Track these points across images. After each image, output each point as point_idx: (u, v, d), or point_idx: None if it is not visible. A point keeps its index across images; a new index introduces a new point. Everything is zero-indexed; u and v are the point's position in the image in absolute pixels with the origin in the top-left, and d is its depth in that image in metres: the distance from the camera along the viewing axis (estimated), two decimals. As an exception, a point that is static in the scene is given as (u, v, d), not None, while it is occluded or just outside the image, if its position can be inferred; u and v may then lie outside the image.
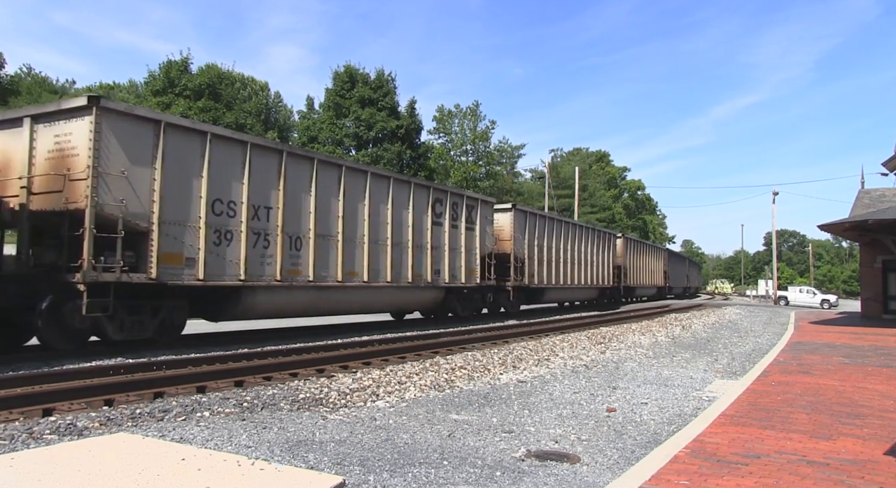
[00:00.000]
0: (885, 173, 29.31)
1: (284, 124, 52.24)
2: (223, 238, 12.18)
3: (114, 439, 5.01)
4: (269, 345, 12.36)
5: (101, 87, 54.56)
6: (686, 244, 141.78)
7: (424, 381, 8.49)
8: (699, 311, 30.18)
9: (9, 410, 6.27)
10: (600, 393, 8.12)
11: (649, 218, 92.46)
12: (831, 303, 48.97)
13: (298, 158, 14.12)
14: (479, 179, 51.86)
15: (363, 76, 45.15)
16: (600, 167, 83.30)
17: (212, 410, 6.46)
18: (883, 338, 16.83)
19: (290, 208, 13.58)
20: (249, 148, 12.75)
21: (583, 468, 4.90)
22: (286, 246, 13.44)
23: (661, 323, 21.09)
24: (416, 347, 12.11)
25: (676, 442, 5.34)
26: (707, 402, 7.61)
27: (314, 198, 14.23)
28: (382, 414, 6.55)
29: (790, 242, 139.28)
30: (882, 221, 21.31)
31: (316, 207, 14.25)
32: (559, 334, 16.22)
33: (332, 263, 14.74)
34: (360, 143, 43.79)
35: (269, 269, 13.04)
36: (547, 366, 10.38)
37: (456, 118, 54.01)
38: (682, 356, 12.44)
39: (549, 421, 6.43)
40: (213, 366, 9.32)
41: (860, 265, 29.46)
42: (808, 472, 4.53)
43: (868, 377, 9.42)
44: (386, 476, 4.38)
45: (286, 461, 4.58)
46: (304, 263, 13.92)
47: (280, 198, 13.35)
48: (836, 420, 6.35)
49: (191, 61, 43.48)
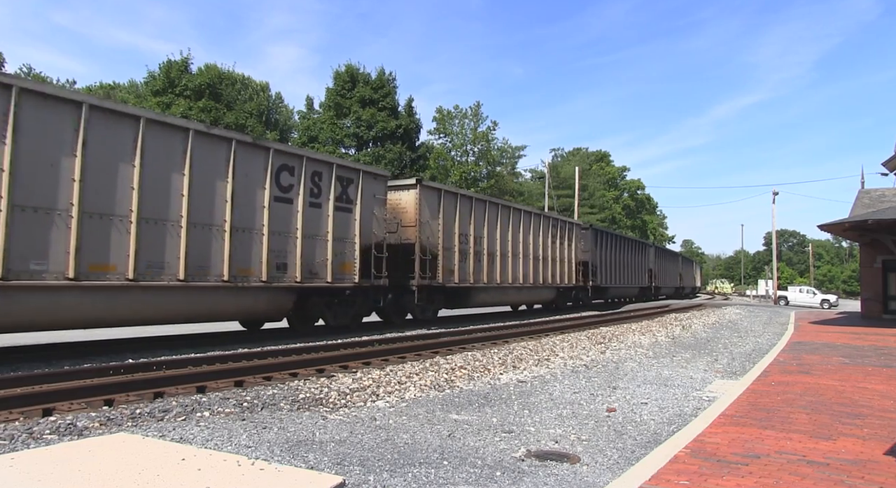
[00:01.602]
0: (885, 173, 29.34)
1: (285, 124, 52.26)
2: None
3: (114, 439, 5.01)
4: (269, 344, 12.37)
5: (102, 87, 54.56)
6: (686, 244, 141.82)
7: (424, 381, 8.49)
8: (699, 311, 30.18)
9: (9, 410, 6.27)
10: (600, 393, 8.12)
11: (649, 218, 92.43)
12: (831, 302, 48.98)
13: None
14: (479, 179, 51.86)
15: (364, 76, 45.18)
16: (600, 167, 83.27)
17: (212, 410, 6.46)
18: (883, 338, 16.83)
19: None
20: None
21: (583, 468, 4.90)
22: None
23: (661, 323, 21.08)
24: (416, 347, 12.10)
25: (676, 442, 5.34)
26: (707, 402, 7.61)
27: None
28: (382, 414, 6.55)
29: (790, 242, 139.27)
30: (882, 221, 21.30)
31: None
32: (559, 334, 16.22)
33: None
34: (361, 143, 43.80)
35: None
36: (547, 366, 10.38)
37: (456, 119, 54.01)
38: (682, 356, 12.44)
39: (549, 421, 6.43)
40: (213, 365, 9.32)
41: (860, 265, 29.46)
42: (808, 472, 4.53)
43: (868, 377, 9.42)
44: (386, 476, 4.38)
45: (286, 461, 4.58)
46: None
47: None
48: (836, 420, 6.35)
49: (191, 61, 43.49)
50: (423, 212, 17.69)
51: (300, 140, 45.10)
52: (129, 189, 10.40)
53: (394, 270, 16.55)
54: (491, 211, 21.42)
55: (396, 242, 17.12)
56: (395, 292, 17.41)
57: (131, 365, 8.97)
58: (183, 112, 37.81)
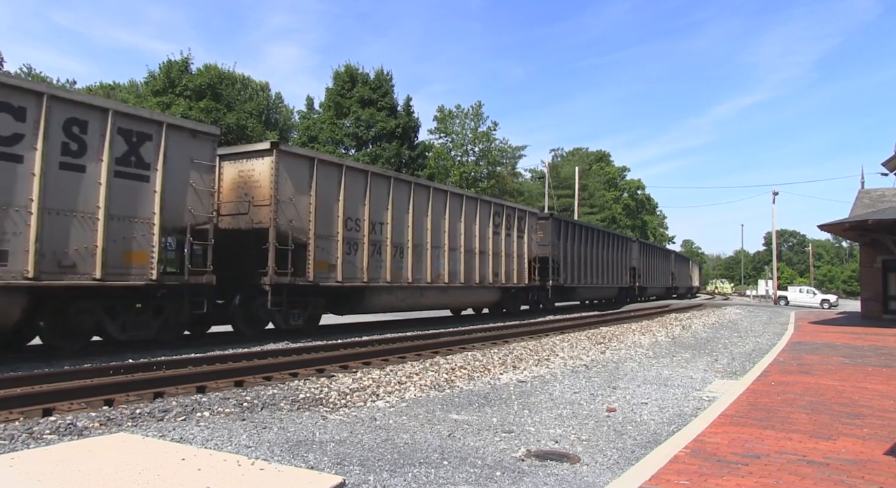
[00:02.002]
0: (885, 173, 29.32)
1: (285, 125, 52.27)
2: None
3: (114, 439, 5.01)
4: (269, 344, 12.37)
5: (102, 87, 54.57)
6: (686, 244, 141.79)
7: (424, 381, 8.49)
8: (699, 311, 30.18)
9: (9, 410, 6.27)
10: (600, 393, 8.12)
11: (649, 218, 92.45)
12: (831, 302, 48.98)
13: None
14: (479, 179, 51.86)
15: (363, 76, 45.18)
16: (600, 167, 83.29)
17: (212, 410, 6.46)
18: (883, 338, 16.82)
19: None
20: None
21: (583, 468, 4.90)
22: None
23: (661, 323, 21.08)
24: (416, 347, 12.10)
25: (676, 442, 5.34)
26: (707, 402, 7.61)
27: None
28: (382, 414, 6.55)
29: (790, 242, 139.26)
30: (882, 221, 21.30)
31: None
32: (559, 334, 16.22)
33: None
34: (360, 143, 43.81)
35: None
36: (547, 366, 10.38)
37: (457, 118, 54.00)
38: (682, 356, 12.44)
39: (549, 421, 6.43)
40: (213, 365, 9.33)
41: (860, 265, 29.46)
42: (808, 472, 4.53)
43: (868, 377, 9.42)
44: (386, 476, 4.38)
45: (286, 461, 4.58)
46: None
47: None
48: (836, 420, 6.35)
49: (191, 61, 43.49)
50: (284, 186, 13.42)
51: (300, 140, 45.11)
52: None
53: (244, 264, 13.31)
54: (399, 190, 16.91)
55: (247, 227, 13.51)
56: (247, 294, 13.44)
57: (131, 365, 8.97)
58: (183, 112, 37.82)
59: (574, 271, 28.15)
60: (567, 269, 27.27)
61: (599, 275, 31.75)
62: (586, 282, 29.72)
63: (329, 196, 14.63)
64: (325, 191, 14.52)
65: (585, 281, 29.57)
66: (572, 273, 27.90)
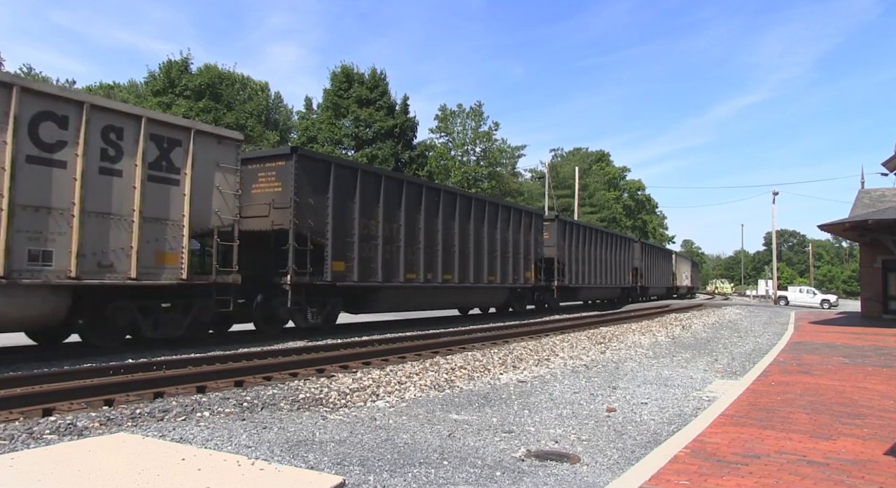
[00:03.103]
0: (885, 173, 29.33)
1: (284, 125, 52.26)
2: None
3: (114, 439, 5.01)
4: (269, 344, 12.37)
5: (102, 87, 54.57)
6: (686, 244, 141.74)
7: (424, 381, 8.49)
8: (699, 311, 30.18)
9: (9, 410, 6.26)
10: (600, 393, 8.12)
11: (649, 218, 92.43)
12: (831, 303, 48.98)
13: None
14: (480, 180, 51.84)
15: (359, 76, 45.16)
16: (600, 167, 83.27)
17: (212, 410, 6.46)
18: (883, 338, 16.83)
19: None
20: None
21: (583, 468, 4.90)
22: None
23: (661, 323, 21.08)
24: (416, 347, 12.10)
25: (676, 442, 5.34)
26: (707, 402, 7.61)
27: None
28: (382, 414, 6.55)
29: (790, 242, 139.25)
30: (882, 221, 21.30)
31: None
32: (559, 334, 16.22)
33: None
34: (359, 143, 43.79)
35: None
36: (547, 366, 10.38)
37: (458, 118, 53.99)
38: (682, 356, 12.44)
39: (549, 421, 6.43)
40: (213, 365, 9.32)
41: (860, 265, 29.46)
42: (808, 472, 4.53)
43: (868, 377, 9.42)
44: (386, 476, 4.38)
45: (286, 461, 4.58)
46: None
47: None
48: (836, 420, 6.35)
49: (191, 61, 43.52)
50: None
51: (299, 140, 45.10)
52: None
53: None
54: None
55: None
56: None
57: (131, 365, 8.97)
58: (184, 112, 37.83)
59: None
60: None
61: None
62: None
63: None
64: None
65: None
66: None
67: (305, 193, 13.87)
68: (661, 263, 48.09)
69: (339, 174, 14.80)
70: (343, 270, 14.80)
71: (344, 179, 14.94)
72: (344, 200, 14.92)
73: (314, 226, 14.03)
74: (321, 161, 14.82)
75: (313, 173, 14.17)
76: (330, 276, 14.32)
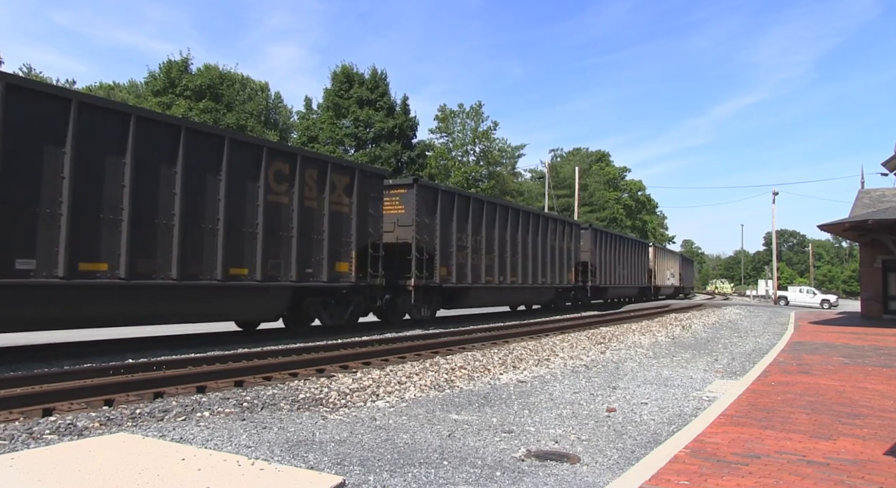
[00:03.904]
0: (885, 173, 29.31)
1: (284, 125, 52.28)
2: None
3: (114, 439, 5.01)
4: (269, 344, 12.37)
5: (102, 87, 54.58)
6: (686, 244, 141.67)
7: (424, 381, 8.49)
8: (699, 311, 30.19)
9: (9, 410, 6.26)
10: (600, 393, 8.12)
11: (649, 218, 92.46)
12: (831, 303, 48.98)
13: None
14: (479, 180, 51.85)
15: (359, 76, 45.16)
16: (600, 167, 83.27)
17: (212, 410, 6.46)
18: (883, 338, 16.83)
19: None
20: None
21: (583, 468, 4.90)
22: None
23: (661, 323, 21.09)
24: (416, 347, 12.10)
25: (676, 442, 5.34)
26: (707, 402, 7.61)
27: None
28: (382, 414, 6.55)
29: (790, 242, 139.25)
30: (882, 221, 21.30)
31: None
32: (559, 334, 16.23)
33: None
34: (360, 143, 43.79)
35: None
36: (547, 366, 10.38)
37: (458, 118, 54.00)
38: (682, 356, 12.44)
39: (549, 421, 6.43)
40: (213, 365, 9.32)
41: (860, 265, 29.46)
42: (808, 472, 4.53)
43: (868, 377, 9.42)
44: (386, 476, 4.38)
45: (286, 461, 4.58)
46: None
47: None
48: (836, 420, 6.35)
49: (191, 61, 43.54)
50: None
51: (300, 140, 45.12)
52: None
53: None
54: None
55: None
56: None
57: (131, 365, 8.97)
58: (184, 112, 37.84)
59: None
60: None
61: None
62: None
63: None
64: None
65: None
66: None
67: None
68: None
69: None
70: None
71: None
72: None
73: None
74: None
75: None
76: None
